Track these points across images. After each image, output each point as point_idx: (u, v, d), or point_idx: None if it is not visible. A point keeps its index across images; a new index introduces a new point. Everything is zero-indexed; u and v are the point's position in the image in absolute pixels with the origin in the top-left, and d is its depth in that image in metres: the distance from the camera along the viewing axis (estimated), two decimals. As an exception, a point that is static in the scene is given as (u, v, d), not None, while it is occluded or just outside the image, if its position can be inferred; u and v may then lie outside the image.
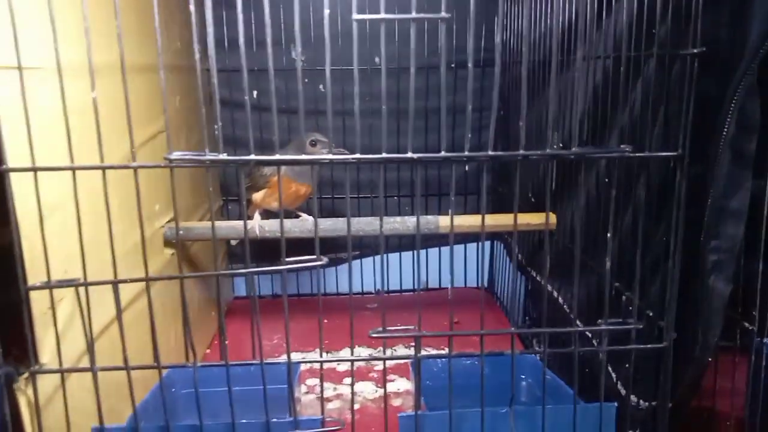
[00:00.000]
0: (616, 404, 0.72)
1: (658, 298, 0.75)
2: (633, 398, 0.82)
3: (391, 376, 1.17)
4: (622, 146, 0.65)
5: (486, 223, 0.74)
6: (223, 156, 0.63)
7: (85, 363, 0.77)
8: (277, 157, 0.64)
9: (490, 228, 1.22)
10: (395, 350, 1.30)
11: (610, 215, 0.68)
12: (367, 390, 1.13)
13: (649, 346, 0.70)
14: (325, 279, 1.63)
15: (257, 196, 1.19)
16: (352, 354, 0.70)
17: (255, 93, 1.57)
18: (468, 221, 1.15)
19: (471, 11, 0.61)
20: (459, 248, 1.68)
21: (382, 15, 0.59)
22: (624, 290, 0.83)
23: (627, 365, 0.78)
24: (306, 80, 1.62)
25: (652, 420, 0.80)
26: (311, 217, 1.18)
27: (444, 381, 0.86)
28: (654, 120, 0.72)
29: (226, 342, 0.68)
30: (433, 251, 1.62)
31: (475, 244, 1.72)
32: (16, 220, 0.64)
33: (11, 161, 0.62)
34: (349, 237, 0.70)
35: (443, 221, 1.13)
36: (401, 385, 1.15)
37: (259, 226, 1.12)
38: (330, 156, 0.63)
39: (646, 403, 0.81)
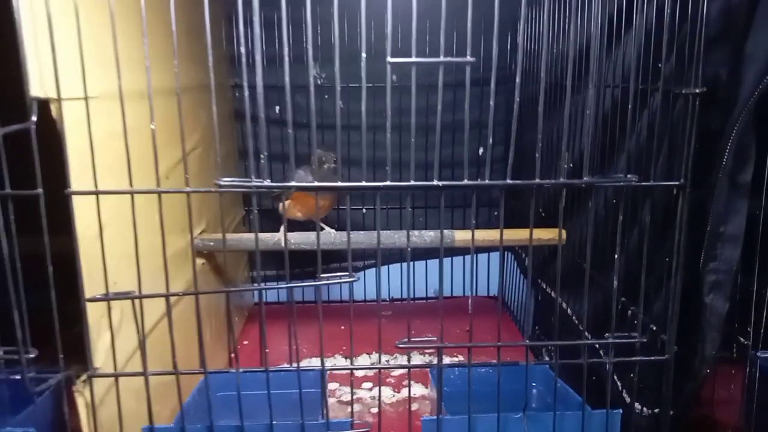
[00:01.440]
0: (621, 411, 0.78)
1: (661, 312, 0.81)
2: (637, 405, 0.88)
3: (406, 382, 1.24)
4: (629, 176, 0.72)
5: (492, 238, 0.82)
6: (268, 182, 0.69)
7: (130, 367, 0.83)
8: (317, 184, 0.70)
9: (505, 242, 1.27)
10: (398, 357, 1.35)
11: (618, 236, 0.74)
12: (385, 394, 1.20)
13: (652, 358, 0.76)
14: (341, 286, 1.70)
15: (281, 208, 1.25)
16: (379, 362, 0.76)
17: (277, 108, 1.64)
18: (483, 236, 1.21)
19: (494, 50, 0.67)
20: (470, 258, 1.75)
21: (414, 59, 0.66)
22: (629, 304, 0.89)
23: (632, 375, 0.84)
24: (326, 96, 1.70)
25: (654, 426, 0.85)
26: (333, 229, 1.25)
27: (460, 387, 0.92)
28: (659, 150, 0.78)
29: (267, 350, 0.75)
30: (445, 261, 1.68)
31: (485, 255, 1.78)
32: (77, 237, 0.71)
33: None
34: (378, 252, 0.76)
35: (459, 235, 1.20)
36: (417, 390, 1.21)
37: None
38: (364, 184, 0.70)
39: (649, 410, 0.87)
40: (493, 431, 0.76)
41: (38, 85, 0.66)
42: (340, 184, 0.71)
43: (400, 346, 0.73)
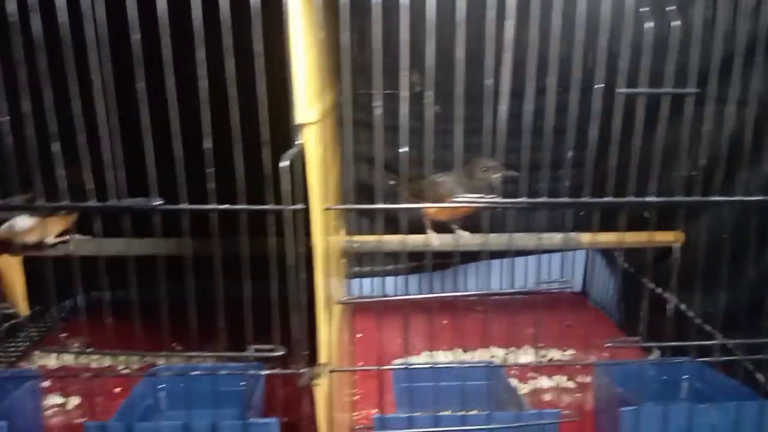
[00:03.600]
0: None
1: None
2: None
3: (532, 374, 1.32)
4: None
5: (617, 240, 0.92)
6: (499, 199, 0.77)
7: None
8: (565, 200, 0.78)
9: (627, 245, 1.35)
10: (515, 351, 1.42)
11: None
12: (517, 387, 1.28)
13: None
14: (443, 281, 1.78)
15: (431, 210, 1.29)
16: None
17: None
18: (605, 238, 1.30)
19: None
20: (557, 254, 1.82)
21: (641, 89, 0.73)
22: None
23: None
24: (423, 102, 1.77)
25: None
26: (466, 232, 1.32)
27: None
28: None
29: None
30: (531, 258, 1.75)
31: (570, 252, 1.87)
32: (319, 247, 0.79)
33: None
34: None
35: (583, 237, 1.28)
36: (544, 382, 1.29)
37: (435, 238, 1.25)
38: (611, 200, 0.77)
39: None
40: (682, 421, 0.84)
41: (301, 113, 0.74)
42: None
43: (608, 345, 0.81)
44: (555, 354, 1.44)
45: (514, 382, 1.30)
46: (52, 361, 1.39)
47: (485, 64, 0.76)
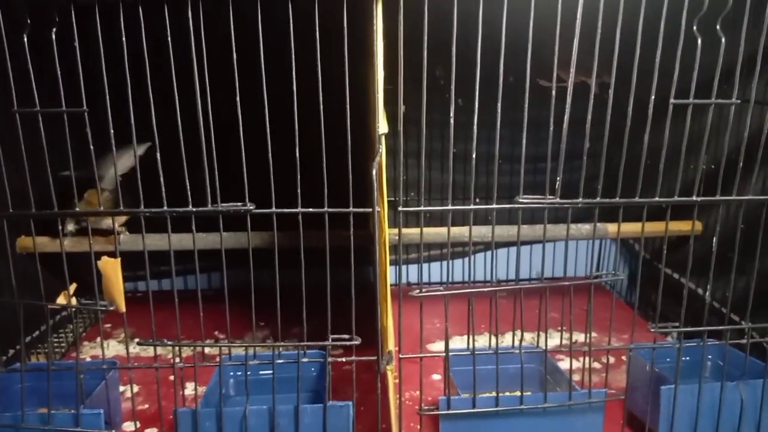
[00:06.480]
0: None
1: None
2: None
3: (560, 356, 1.41)
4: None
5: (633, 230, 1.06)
6: (558, 199, 0.85)
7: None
8: (602, 200, 0.86)
9: (649, 234, 1.43)
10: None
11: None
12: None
13: None
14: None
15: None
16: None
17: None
18: (629, 228, 1.38)
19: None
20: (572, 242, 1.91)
21: (691, 100, 0.81)
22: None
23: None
24: (447, 95, 1.83)
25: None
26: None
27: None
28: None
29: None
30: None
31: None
32: (387, 244, 0.86)
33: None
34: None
35: (611, 228, 1.37)
36: (573, 364, 1.38)
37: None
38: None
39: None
40: (713, 397, 0.93)
41: (382, 123, 0.81)
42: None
43: (652, 330, 0.89)
44: (579, 337, 1.53)
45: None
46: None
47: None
